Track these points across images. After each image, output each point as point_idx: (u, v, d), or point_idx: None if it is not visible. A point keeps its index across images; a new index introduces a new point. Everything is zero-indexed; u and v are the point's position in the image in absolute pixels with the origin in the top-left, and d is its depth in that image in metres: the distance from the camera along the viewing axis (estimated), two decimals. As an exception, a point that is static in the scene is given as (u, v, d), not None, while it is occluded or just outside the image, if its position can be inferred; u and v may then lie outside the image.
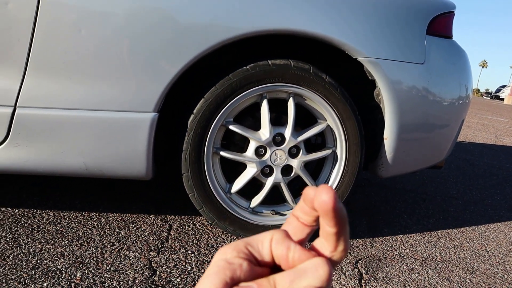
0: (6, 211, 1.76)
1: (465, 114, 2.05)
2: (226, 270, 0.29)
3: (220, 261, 0.30)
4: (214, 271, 0.29)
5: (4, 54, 1.38)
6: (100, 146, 1.48)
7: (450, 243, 2.04)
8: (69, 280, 1.33)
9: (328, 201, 0.26)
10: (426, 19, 1.75)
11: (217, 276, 0.29)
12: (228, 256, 0.30)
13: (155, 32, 1.43)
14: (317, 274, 0.28)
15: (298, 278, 0.28)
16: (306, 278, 0.28)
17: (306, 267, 0.28)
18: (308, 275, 0.28)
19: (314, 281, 0.27)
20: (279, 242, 0.30)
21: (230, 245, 0.31)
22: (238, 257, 0.30)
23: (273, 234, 0.31)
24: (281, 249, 0.30)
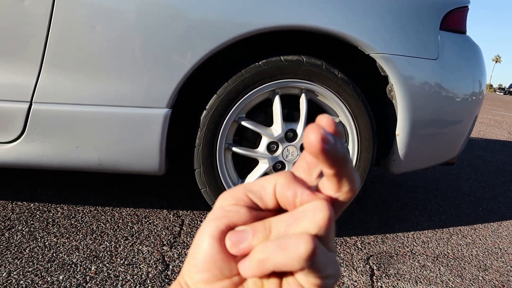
0: (22, 205, 1.79)
1: (479, 110, 2.03)
2: (222, 218, 0.28)
3: (217, 209, 0.28)
4: (211, 219, 0.28)
5: (21, 50, 1.41)
6: (114, 141, 1.50)
7: (462, 240, 2.03)
8: (84, 273, 1.35)
9: (315, 143, 0.23)
10: (439, 14, 1.74)
11: (214, 223, 0.28)
12: (225, 203, 0.28)
13: (168, 28, 1.44)
14: (315, 219, 0.25)
15: (295, 222, 0.26)
16: (303, 222, 0.25)
17: (304, 210, 0.26)
18: (305, 218, 0.25)
19: (311, 226, 0.25)
20: (284, 186, 0.27)
21: (229, 191, 0.29)
22: (235, 205, 0.28)
23: (277, 178, 0.27)
24: (288, 195, 0.27)
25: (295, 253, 0.24)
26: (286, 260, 0.25)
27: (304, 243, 0.24)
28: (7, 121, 1.45)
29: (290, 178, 0.27)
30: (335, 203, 0.27)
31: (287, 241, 0.25)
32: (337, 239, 1.83)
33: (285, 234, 0.26)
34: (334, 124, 0.25)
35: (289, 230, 0.26)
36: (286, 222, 0.26)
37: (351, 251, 1.74)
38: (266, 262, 0.25)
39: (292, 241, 0.25)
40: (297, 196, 0.26)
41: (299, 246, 0.24)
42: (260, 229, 0.27)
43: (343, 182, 0.26)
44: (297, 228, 0.25)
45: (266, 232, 0.26)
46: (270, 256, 0.25)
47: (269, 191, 0.28)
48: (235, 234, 0.27)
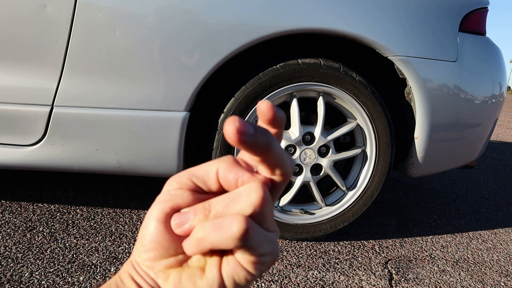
0: (43, 206, 1.82)
1: (499, 113, 2.00)
2: (167, 201, 0.30)
3: (163, 193, 0.31)
4: (157, 202, 0.31)
5: (43, 55, 1.43)
6: (133, 144, 1.52)
7: (482, 244, 2.00)
8: (103, 274, 1.37)
9: (231, 135, 0.25)
10: (458, 15, 1.72)
11: (159, 206, 0.30)
12: (171, 188, 0.30)
13: (187, 32, 1.46)
14: (249, 199, 0.27)
15: (232, 202, 0.27)
16: (239, 203, 0.27)
17: (240, 191, 0.27)
18: (241, 199, 0.27)
19: (246, 206, 0.27)
20: (226, 170, 0.29)
21: (175, 176, 0.31)
22: (180, 189, 0.30)
23: (219, 164, 0.29)
24: (229, 178, 0.28)
25: (229, 232, 0.26)
26: (221, 239, 0.26)
27: (237, 223, 0.26)
28: (29, 124, 1.48)
29: (231, 162, 0.29)
30: (272, 184, 0.29)
31: (222, 221, 0.26)
32: (354, 243, 1.82)
33: (223, 214, 0.27)
34: (271, 110, 0.27)
35: (227, 210, 0.27)
36: (223, 203, 0.28)
37: (369, 255, 1.73)
38: (203, 241, 0.27)
39: (227, 221, 0.26)
40: (238, 179, 0.28)
41: (233, 226, 0.26)
42: (200, 209, 0.28)
43: (273, 167, 0.28)
44: (234, 208, 0.27)
45: (206, 213, 0.28)
46: (207, 235, 0.27)
47: (212, 176, 0.29)
48: (179, 216, 0.29)
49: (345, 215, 1.74)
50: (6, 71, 1.44)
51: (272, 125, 0.28)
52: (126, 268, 0.33)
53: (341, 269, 1.58)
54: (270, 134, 0.27)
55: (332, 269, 1.57)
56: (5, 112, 1.45)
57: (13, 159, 1.50)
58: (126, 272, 0.33)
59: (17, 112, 1.46)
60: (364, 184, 1.74)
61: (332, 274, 1.54)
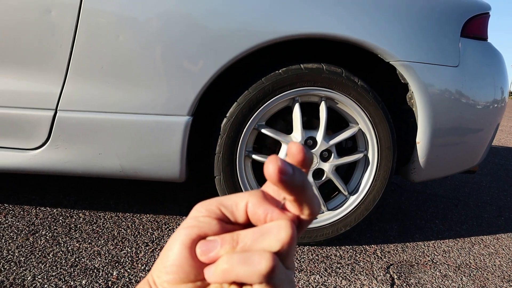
0: (46, 210, 1.83)
1: (500, 118, 2.00)
2: (194, 227, 0.30)
3: (190, 218, 0.31)
4: (184, 227, 0.31)
5: (47, 59, 1.44)
6: (136, 149, 1.53)
7: (484, 249, 2.00)
8: (106, 278, 1.37)
9: (273, 174, 0.26)
10: (460, 21, 1.72)
11: (186, 231, 0.30)
12: (199, 214, 0.31)
13: (190, 38, 1.47)
14: (278, 236, 0.27)
15: (260, 237, 0.28)
16: (268, 239, 0.28)
17: (270, 227, 0.28)
18: (270, 235, 0.28)
19: (274, 243, 0.27)
20: (256, 205, 0.30)
21: (203, 203, 0.31)
22: (208, 216, 0.30)
23: (248, 197, 0.30)
24: (259, 213, 0.29)
25: (256, 268, 0.26)
26: (247, 273, 0.27)
27: (265, 260, 0.26)
28: (33, 128, 1.49)
29: (261, 197, 0.30)
30: (299, 221, 0.30)
31: (250, 256, 0.27)
32: (356, 247, 1.82)
33: (250, 248, 0.28)
34: (302, 152, 0.28)
35: (255, 244, 0.28)
36: (252, 236, 0.28)
37: (371, 259, 1.73)
38: (229, 272, 0.27)
39: (255, 257, 0.27)
40: (268, 214, 0.29)
41: (261, 262, 0.26)
42: (228, 240, 0.29)
43: (303, 206, 0.29)
44: (262, 244, 0.28)
45: (233, 244, 0.29)
46: (233, 267, 0.27)
47: (241, 208, 0.30)
48: (205, 243, 0.30)
49: (347, 219, 1.74)
50: (11, 75, 1.45)
51: (301, 166, 0.29)
52: (142, 286, 0.33)
53: (343, 274, 1.58)
54: (305, 175, 0.28)
55: (334, 274, 1.57)
56: (9, 116, 1.46)
57: (17, 163, 1.51)
58: None
59: (21, 116, 1.47)
60: (366, 189, 1.74)
61: (334, 278, 1.54)
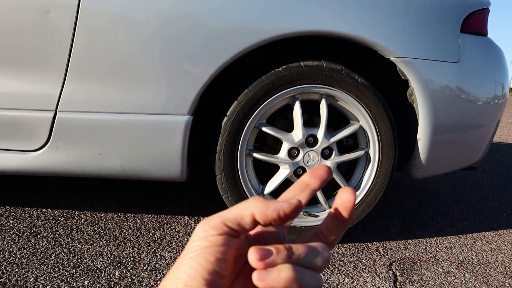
0: (47, 212, 1.82)
1: (501, 114, 2.00)
2: (210, 248, 0.31)
3: (201, 240, 0.31)
4: (198, 249, 0.31)
5: (46, 60, 1.44)
6: (136, 149, 1.52)
7: (486, 246, 1.99)
8: (108, 279, 1.37)
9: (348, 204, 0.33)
10: (460, 16, 1.72)
11: (202, 256, 0.31)
12: (208, 234, 0.31)
13: (189, 37, 1.46)
14: (325, 256, 0.32)
15: (311, 252, 0.32)
16: (317, 256, 0.32)
17: (317, 246, 0.33)
18: (320, 254, 0.32)
19: (322, 261, 0.32)
20: (264, 208, 0.32)
21: (207, 222, 0.32)
22: (218, 235, 0.31)
23: (251, 205, 0.32)
24: (269, 213, 0.32)
25: (316, 283, 0.31)
26: (308, 286, 0.31)
27: (320, 278, 0.32)
28: (33, 130, 1.48)
29: (263, 200, 0.32)
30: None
31: (311, 272, 0.31)
32: (358, 245, 1.82)
33: (304, 261, 0.31)
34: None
35: (306, 258, 0.31)
36: (305, 250, 0.32)
37: (373, 256, 1.72)
38: (295, 282, 0.30)
39: (315, 273, 0.32)
40: (279, 210, 0.31)
41: (319, 278, 0.32)
42: (283, 250, 0.31)
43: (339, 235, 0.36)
44: (314, 259, 0.32)
45: (289, 253, 0.31)
46: (302, 278, 0.30)
47: (247, 219, 0.32)
48: (261, 249, 0.30)
49: (349, 217, 1.74)
50: (10, 77, 1.44)
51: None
52: None
53: (346, 271, 1.58)
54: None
55: (337, 271, 1.57)
56: (9, 118, 1.46)
57: (17, 165, 1.50)
58: None
59: (21, 117, 1.46)
60: (368, 186, 1.74)
61: (337, 276, 1.54)
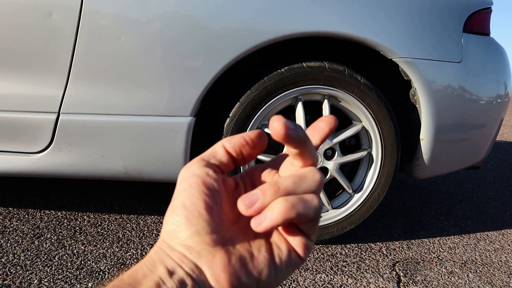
0: (50, 213, 1.83)
1: (504, 113, 1.99)
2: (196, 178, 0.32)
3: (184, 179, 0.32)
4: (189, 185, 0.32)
5: (49, 63, 1.44)
6: (139, 150, 1.52)
7: (490, 245, 1.99)
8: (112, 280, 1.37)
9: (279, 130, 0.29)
10: (462, 16, 1.72)
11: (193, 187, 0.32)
12: (189, 171, 0.33)
13: (191, 38, 1.46)
14: (314, 178, 0.32)
15: (299, 180, 0.32)
16: (306, 182, 0.32)
17: (305, 172, 0.33)
18: (307, 178, 0.32)
19: (312, 184, 0.32)
20: (230, 139, 0.34)
21: (190, 163, 0.34)
22: (198, 168, 0.33)
23: (222, 141, 0.35)
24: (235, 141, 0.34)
25: (311, 204, 0.31)
26: (306, 209, 0.31)
27: (317, 198, 0.32)
28: (36, 132, 1.48)
29: (229, 137, 0.35)
30: None
31: (303, 196, 0.31)
32: (361, 245, 1.82)
33: (294, 191, 0.31)
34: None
35: (297, 187, 0.31)
36: (292, 180, 0.32)
37: (376, 257, 1.72)
38: (290, 211, 0.30)
39: (308, 197, 0.31)
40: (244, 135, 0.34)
41: (314, 199, 0.32)
42: (268, 188, 0.31)
43: (307, 158, 0.33)
44: (303, 185, 0.32)
45: (275, 189, 0.31)
46: (294, 205, 0.30)
47: (220, 150, 0.34)
48: (246, 197, 0.31)
49: (351, 217, 1.74)
50: (13, 79, 1.45)
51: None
52: (153, 255, 0.31)
53: (349, 272, 1.58)
54: (303, 130, 0.31)
55: (340, 272, 1.57)
56: (12, 120, 1.46)
57: (20, 167, 1.51)
58: (154, 259, 0.31)
59: (24, 120, 1.47)
60: (371, 187, 1.73)
61: (340, 277, 1.54)
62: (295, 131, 0.30)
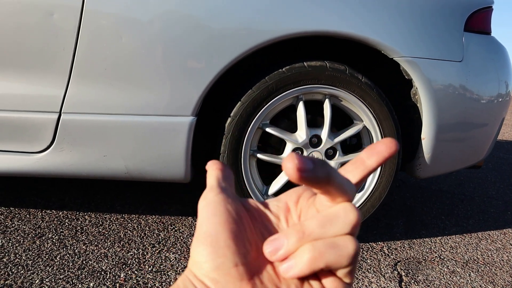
0: (51, 213, 1.83)
1: (505, 112, 1.99)
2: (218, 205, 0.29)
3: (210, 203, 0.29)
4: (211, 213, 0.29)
5: (50, 62, 1.44)
6: (140, 150, 1.52)
7: (492, 245, 1.99)
8: (113, 280, 1.37)
9: (291, 173, 0.24)
10: (463, 15, 1.71)
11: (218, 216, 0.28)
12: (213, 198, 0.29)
13: (192, 38, 1.46)
14: (347, 219, 0.27)
15: (329, 222, 0.27)
16: (338, 223, 0.27)
17: (336, 211, 0.27)
18: (339, 220, 0.27)
19: (345, 226, 0.27)
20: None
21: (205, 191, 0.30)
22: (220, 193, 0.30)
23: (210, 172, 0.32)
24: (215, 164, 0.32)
25: (344, 251, 0.26)
26: (337, 257, 0.26)
27: (351, 242, 0.27)
28: (38, 132, 1.49)
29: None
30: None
31: (335, 241, 0.27)
32: (363, 245, 1.81)
33: (322, 235, 0.27)
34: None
35: (325, 231, 0.27)
36: (318, 223, 0.27)
37: (378, 257, 1.72)
38: (318, 260, 0.27)
39: (341, 241, 0.27)
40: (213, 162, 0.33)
41: (347, 244, 0.26)
42: (292, 233, 0.28)
43: (334, 197, 0.28)
44: (333, 229, 0.27)
45: (300, 234, 0.27)
46: (322, 254, 0.26)
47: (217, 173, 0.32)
48: (271, 242, 0.28)
49: (353, 217, 1.73)
50: (15, 79, 1.45)
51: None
52: (180, 284, 0.30)
53: (351, 272, 1.58)
54: (328, 165, 0.27)
55: (342, 272, 1.57)
56: (14, 119, 1.47)
57: (22, 167, 1.51)
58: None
59: (25, 119, 1.47)
60: (372, 186, 1.73)
61: (342, 276, 1.54)
62: (311, 172, 0.25)
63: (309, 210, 0.30)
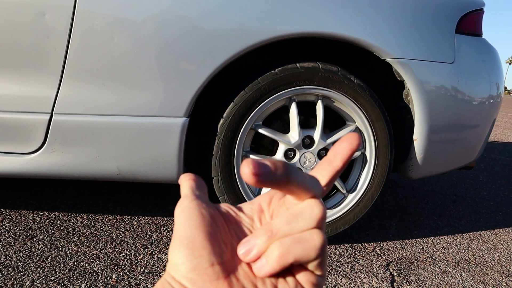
0: (43, 214, 1.82)
1: (497, 114, 2.01)
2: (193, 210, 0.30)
3: (185, 210, 0.30)
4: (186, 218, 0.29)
5: (42, 63, 1.43)
6: (132, 151, 1.52)
7: (483, 245, 2.00)
8: (105, 281, 1.37)
9: (248, 178, 0.25)
10: (455, 17, 1.73)
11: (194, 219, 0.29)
12: (188, 204, 0.30)
13: (185, 39, 1.46)
14: (312, 214, 0.28)
15: (295, 219, 0.28)
16: (303, 219, 0.28)
17: (302, 208, 0.28)
18: (304, 215, 0.28)
19: (311, 221, 0.28)
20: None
21: (180, 201, 0.31)
22: (194, 200, 0.31)
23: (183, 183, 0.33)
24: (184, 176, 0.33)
25: (311, 244, 0.27)
26: (305, 251, 0.28)
27: (316, 235, 0.28)
28: (29, 132, 1.48)
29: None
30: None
31: (301, 236, 0.28)
32: (355, 245, 1.82)
33: (290, 232, 0.28)
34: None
35: (292, 227, 0.28)
36: (285, 221, 0.28)
37: (370, 257, 1.73)
38: (287, 255, 0.28)
39: (305, 235, 0.28)
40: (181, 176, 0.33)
41: (313, 237, 0.28)
42: (261, 233, 0.29)
43: (299, 194, 0.29)
44: (299, 225, 0.28)
45: (268, 233, 0.28)
46: (290, 249, 0.27)
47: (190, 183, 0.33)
48: (244, 244, 0.29)
49: (345, 218, 1.74)
50: (5, 79, 1.44)
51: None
52: (159, 287, 0.31)
53: (343, 272, 1.58)
54: (289, 166, 0.27)
55: (334, 272, 1.57)
56: (5, 120, 1.45)
57: (13, 168, 1.50)
58: None
59: (16, 120, 1.46)
60: (364, 187, 1.74)
61: (334, 277, 1.54)
62: (267, 176, 0.26)
63: (281, 210, 0.31)
